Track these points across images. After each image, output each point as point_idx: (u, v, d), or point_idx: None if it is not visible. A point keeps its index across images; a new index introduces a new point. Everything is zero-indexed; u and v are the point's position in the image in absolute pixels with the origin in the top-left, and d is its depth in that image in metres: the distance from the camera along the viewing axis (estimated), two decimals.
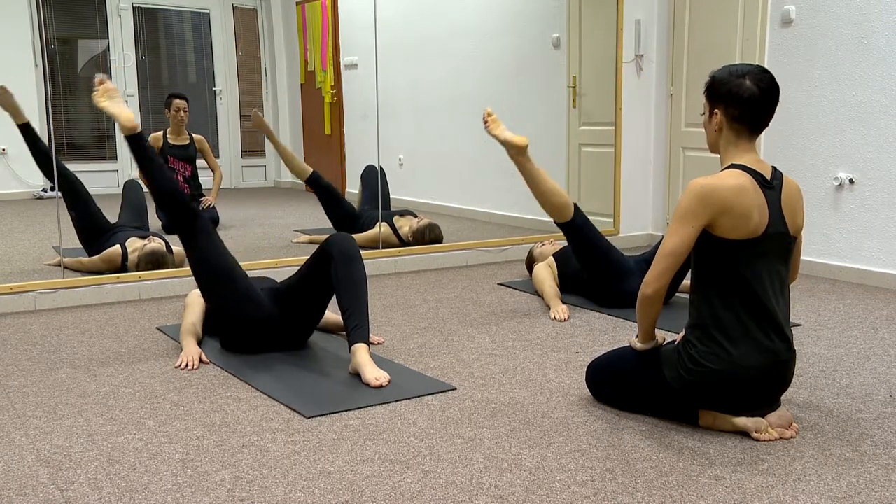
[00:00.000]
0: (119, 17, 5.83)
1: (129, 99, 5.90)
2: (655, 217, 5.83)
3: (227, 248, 3.12)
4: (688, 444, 2.27)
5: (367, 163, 5.54)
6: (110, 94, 3.11)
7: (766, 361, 2.26)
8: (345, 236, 3.01)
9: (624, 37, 5.52)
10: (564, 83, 5.77)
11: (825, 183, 4.63)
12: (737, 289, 2.26)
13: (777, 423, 2.32)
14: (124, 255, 4.32)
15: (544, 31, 5.84)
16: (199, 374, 2.93)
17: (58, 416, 2.52)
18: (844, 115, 4.50)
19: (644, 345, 2.44)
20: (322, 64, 6.29)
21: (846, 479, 2.06)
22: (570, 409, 2.56)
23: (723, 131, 2.34)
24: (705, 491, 1.99)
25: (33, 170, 5.46)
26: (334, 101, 6.26)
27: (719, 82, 2.31)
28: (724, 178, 2.26)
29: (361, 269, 2.96)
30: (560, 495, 1.97)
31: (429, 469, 2.12)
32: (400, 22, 6.04)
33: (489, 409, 2.57)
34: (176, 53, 6.30)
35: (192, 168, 5.72)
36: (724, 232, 2.24)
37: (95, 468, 2.14)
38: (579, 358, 3.11)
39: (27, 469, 2.14)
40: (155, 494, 1.99)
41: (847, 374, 2.90)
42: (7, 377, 2.91)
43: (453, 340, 3.37)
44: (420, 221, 5.15)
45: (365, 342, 2.86)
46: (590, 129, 5.74)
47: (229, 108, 6.35)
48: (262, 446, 2.28)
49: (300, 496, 1.98)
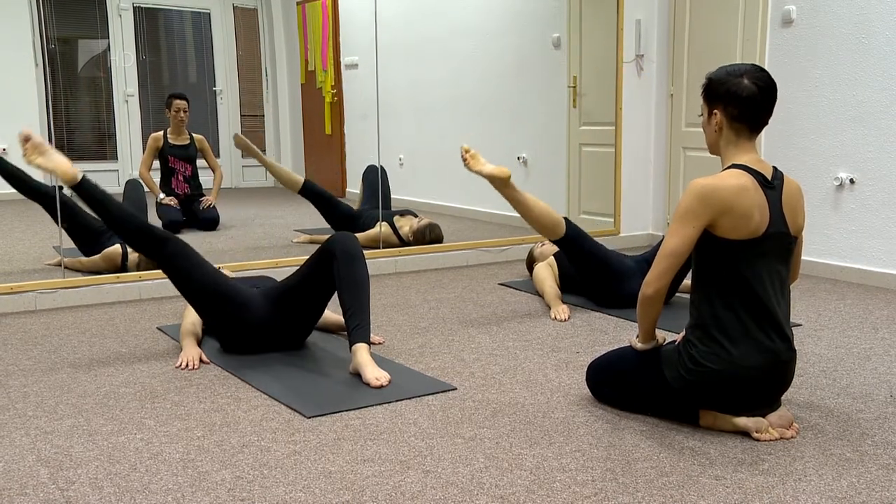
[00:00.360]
0: (119, 17, 5.83)
1: (129, 99, 5.90)
2: (656, 217, 5.83)
3: (203, 259, 3.05)
4: (688, 444, 2.27)
5: (368, 162, 5.55)
6: (40, 149, 2.95)
7: (767, 361, 2.26)
8: (347, 235, 3.00)
9: (624, 37, 5.52)
10: (565, 83, 5.77)
11: (826, 183, 4.63)
12: (737, 289, 2.26)
13: (778, 423, 2.32)
14: (124, 255, 4.32)
15: (545, 31, 5.84)
16: (199, 373, 2.93)
17: (58, 416, 2.52)
18: (845, 115, 4.50)
19: (644, 345, 2.44)
20: (322, 64, 6.29)
21: (847, 479, 2.05)
22: (571, 409, 2.56)
23: (723, 131, 2.34)
24: (706, 491, 1.99)
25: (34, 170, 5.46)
26: (335, 100, 6.26)
27: (717, 82, 2.31)
28: (724, 178, 2.26)
29: (364, 268, 2.95)
30: (560, 495, 1.97)
31: (429, 469, 2.12)
32: (400, 21, 6.04)
33: (490, 408, 2.57)
34: (176, 53, 6.29)
35: (193, 168, 5.71)
36: (725, 232, 2.24)
37: (96, 468, 2.14)
38: (580, 358, 3.11)
39: (28, 469, 2.14)
40: (155, 494, 1.99)
41: (848, 374, 2.90)
42: (8, 377, 2.91)
43: (454, 340, 3.37)
44: (420, 221, 5.15)
45: (366, 342, 2.86)
46: (590, 129, 5.74)
47: (230, 107, 6.34)
48: (262, 446, 2.28)
49: (301, 496, 1.98)
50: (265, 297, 3.11)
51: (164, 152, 5.61)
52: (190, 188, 5.69)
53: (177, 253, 3.00)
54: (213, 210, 5.67)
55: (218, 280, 3.04)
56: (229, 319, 3.06)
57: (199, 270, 3.02)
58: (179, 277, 3.02)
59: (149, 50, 6.00)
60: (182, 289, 3.05)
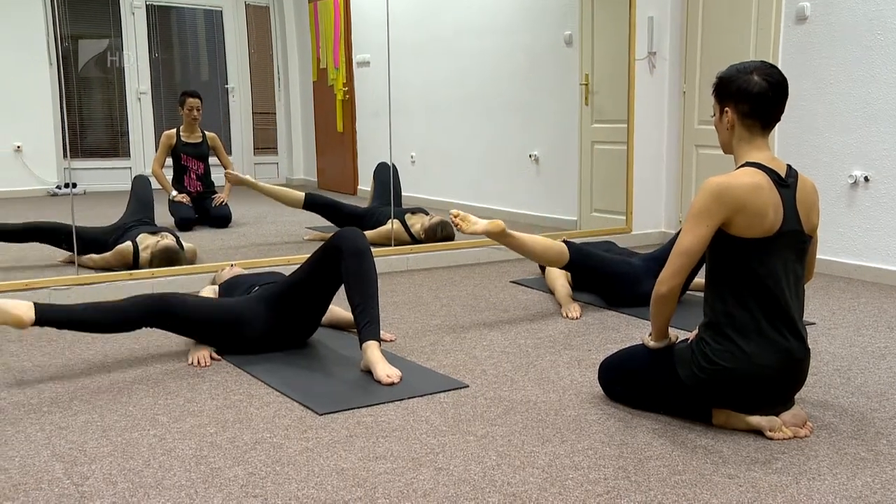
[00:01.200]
0: (132, 15, 5.85)
1: (141, 96, 5.93)
2: (668, 215, 5.81)
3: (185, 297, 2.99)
4: (701, 443, 2.27)
5: (379, 160, 5.55)
6: None
7: (781, 360, 2.25)
8: (354, 230, 2.96)
9: (637, 34, 5.50)
10: (577, 81, 5.75)
11: (840, 181, 4.60)
12: (751, 287, 2.25)
13: (791, 422, 2.31)
14: (136, 252, 4.34)
15: (556, 28, 5.82)
16: (211, 370, 2.94)
17: (73, 412, 2.53)
18: (859, 113, 4.47)
19: (657, 343, 2.43)
20: (334, 61, 6.30)
21: (861, 479, 2.04)
22: (583, 407, 2.56)
23: (735, 129, 2.33)
24: (719, 489, 1.98)
25: (48, 167, 5.50)
26: (346, 98, 6.26)
27: (727, 80, 2.30)
28: (739, 176, 2.25)
29: (372, 264, 2.93)
30: (573, 493, 1.97)
31: (441, 466, 2.12)
32: (412, 19, 6.04)
33: (501, 406, 2.57)
34: (189, 51, 6.32)
35: (205, 166, 5.73)
36: (739, 230, 2.23)
37: (110, 463, 2.15)
38: (592, 356, 3.10)
39: (43, 464, 2.16)
40: (169, 490, 2.00)
41: (862, 374, 2.88)
42: (23, 373, 2.93)
43: (465, 338, 3.37)
44: (431, 219, 5.15)
45: (376, 339, 2.85)
46: (602, 126, 5.72)
47: (242, 105, 6.36)
48: (274, 443, 2.28)
49: (313, 492, 1.98)
50: (261, 301, 3.07)
51: (177, 150, 5.63)
52: (202, 186, 5.71)
53: (169, 308, 2.91)
54: (226, 207, 5.69)
55: (202, 310, 2.99)
56: (229, 339, 3.05)
57: (198, 310, 2.97)
58: (190, 327, 3.00)
59: (161, 48, 6.02)
60: (195, 334, 3.05)
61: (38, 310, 2.67)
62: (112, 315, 2.82)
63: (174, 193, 5.55)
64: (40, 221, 4.55)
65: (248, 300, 3.09)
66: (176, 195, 5.55)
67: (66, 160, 5.25)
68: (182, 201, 5.55)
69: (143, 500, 1.95)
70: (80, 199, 5.27)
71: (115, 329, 2.85)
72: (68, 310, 2.76)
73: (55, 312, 2.72)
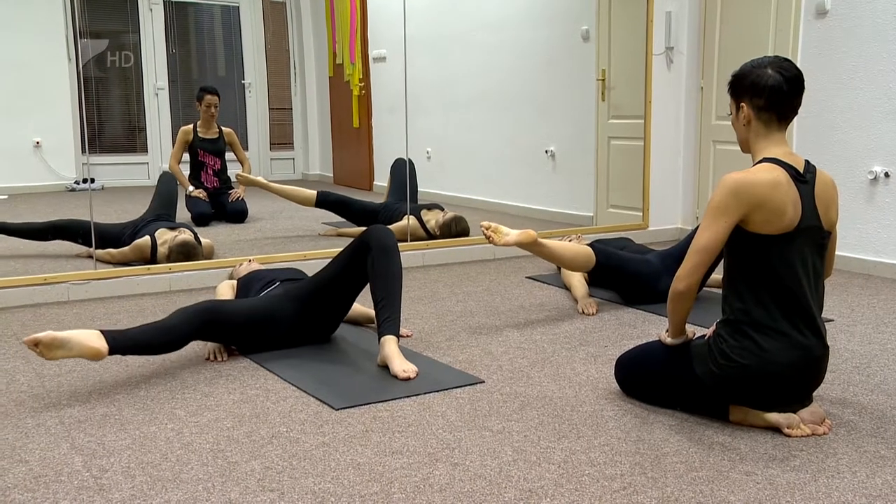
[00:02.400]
0: (150, 11, 5.89)
1: (159, 92, 5.96)
2: (685, 211, 5.78)
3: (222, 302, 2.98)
4: (718, 440, 2.25)
5: (396, 156, 5.55)
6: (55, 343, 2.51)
7: (799, 357, 2.23)
8: (383, 228, 3.01)
9: (654, 29, 5.47)
10: (593, 76, 5.73)
11: (860, 176, 4.56)
12: (769, 284, 2.23)
13: (809, 420, 2.29)
14: (153, 246, 4.37)
15: (573, 23, 5.80)
16: (228, 365, 2.96)
17: (91, 405, 2.55)
18: (880, 108, 4.43)
19: (674, 339, 2.42)
20: (350, 57, 6.31)
21: (881, 477, 2.03)
22: (599, 402, 2.55)
23: (751, 124, 2.31)
24: (736, 486, 1.97)
25: (66, 162, 5.55)
26: (362, 93, 6.27)
27: (742, 76, 2.30)
28: (757, 172, 2.23)
29: (398, 261, 2.96)
30: (589, 489, 1.96)
31: (457, 461, 2.12)
32: (428, 15, 6.03)
33: (518, 402, 2.57)
34: (206, 46, 6.34)
35: (222, 161, 5.76)
36: (758, 227, 2.22)
37: (128, 457, 2.17)
38: (608, 352, 3.10)
39: (62, 456, 2.17)
40: (186, 483, 2.01)
41: (881, 371, 2.86)
42: (42, 366, 2.96)
43: (481, 333, 3.37)
44: (446, 215, 5.16)
45: (394, 334, 2.86)
46: (619, 122, 5.70)
47: (258, 100, 6.38)
48: (291, 437, 2.29)
49: (329, 487, 1.99)
50: (290, 298, 3.07)
51: (194, 146, 5.66)
52: (219, 181, 5.74)
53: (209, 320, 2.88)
54: (242, 202, 5.71)
55: (241, 313, 2.98)
56: (260, 339, 3.05)
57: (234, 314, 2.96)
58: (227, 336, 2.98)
59: (179, 43, 6.06)
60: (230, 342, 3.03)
61: (107, 338, 2.62)
62: (169, 335, 2.78)
63: (191, 189, 5.58)
64: (60, 220, 4.59)
65: (275, 298, 3.08)
66: (193, 190, 5.58)
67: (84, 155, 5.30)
68: (199, 197, 5.58)
69: (161, 493, 1.96)
70: (98, 195, 5.32)
71: (172, 348, 2.82)
72: (132, 337, 2.70)
73: (122, 341, 2.66)
